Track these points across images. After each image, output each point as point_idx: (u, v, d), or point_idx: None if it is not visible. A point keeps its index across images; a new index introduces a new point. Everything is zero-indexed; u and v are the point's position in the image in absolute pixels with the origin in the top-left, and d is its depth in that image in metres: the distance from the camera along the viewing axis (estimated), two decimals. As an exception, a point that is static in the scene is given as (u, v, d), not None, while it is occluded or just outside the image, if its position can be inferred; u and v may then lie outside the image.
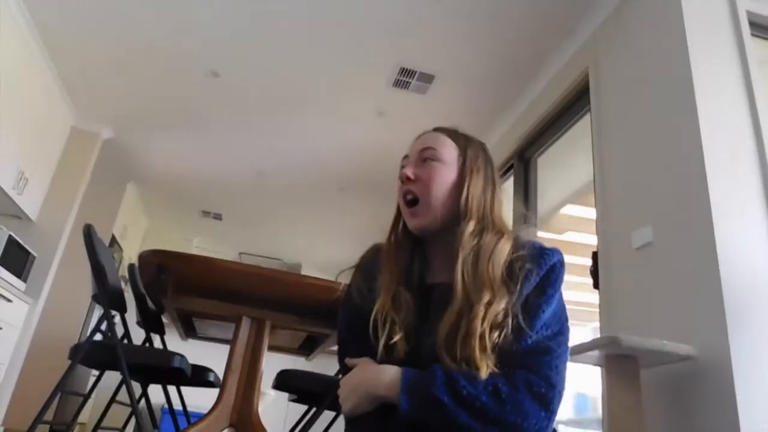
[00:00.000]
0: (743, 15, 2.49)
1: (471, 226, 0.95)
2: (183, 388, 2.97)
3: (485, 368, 0.84)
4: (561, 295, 0.95)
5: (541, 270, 0.92)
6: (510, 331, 0.88)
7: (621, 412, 1.89)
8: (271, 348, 2.61)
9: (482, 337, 0.85)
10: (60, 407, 4.41)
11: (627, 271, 2.44)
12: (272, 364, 2.44)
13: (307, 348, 2.84)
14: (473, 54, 3.56)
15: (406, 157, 1.06)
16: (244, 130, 4.92)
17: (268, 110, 4.53)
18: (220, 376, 2.28)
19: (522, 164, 3.82)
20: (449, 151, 1.02)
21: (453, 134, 1.06)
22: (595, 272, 2.64)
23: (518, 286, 0.90)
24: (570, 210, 3.81)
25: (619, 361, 1.93)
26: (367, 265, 1.03)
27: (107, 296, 2.10)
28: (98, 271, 2.09)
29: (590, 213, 2.95)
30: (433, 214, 0.97)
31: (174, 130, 5.05)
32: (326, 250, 7.43)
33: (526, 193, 3.68)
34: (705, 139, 2.17)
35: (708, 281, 1.98)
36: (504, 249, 0.93)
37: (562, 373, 0.88)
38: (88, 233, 2.16)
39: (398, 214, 1.05)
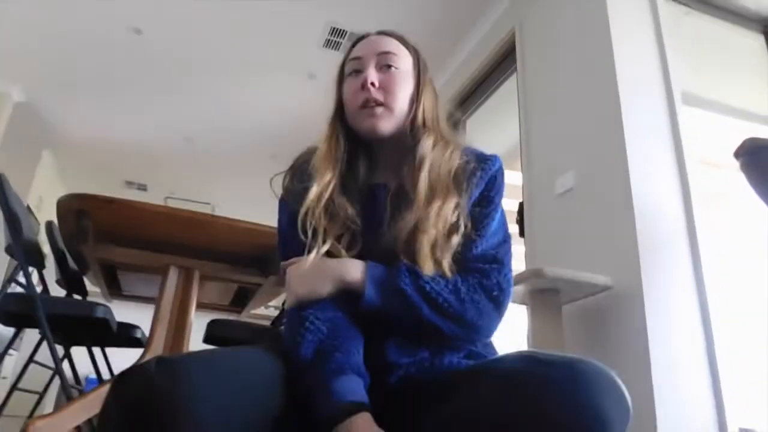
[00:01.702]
0: (656, -23, 2.63)
1: (431, 138, 0.96)
2: (110, 355, 2.87)
3: (431, 266, 0.86)
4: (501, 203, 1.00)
5: (485, 174, 0.95)
6: (462, 236, 0.90)
7: (544, 343, 1.99)
8: (201, 306, 2.56)
9: (435, 236, 0.88)
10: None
11: (550, 217, 2.56)
12: (201, 323, 2.40)
13: (238, 303, 2.80)
14: (404, 14, 3.56)
15: (355, 59, 1.01)
16: (169, 93, 4.72)
17: (194, 72, 4.37)
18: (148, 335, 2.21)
19: (451, 126, 3.88)
20: (406, 60, 1.01)
21: (404, 42, 1.04)
22: (521, 221, 2.74)
23: (466, 188, 0.93)
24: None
25: (543, 296, 2.03)
26: (301, 167, 1.02)
27: (22, 246, 1.98)
28: (11, 219, 1.97)
29: (516, 178, 3.05)
30: (395, 121, 0.97)
31: (93, 93, 4.77)
32: (258, 218, 7.29)
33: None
34: (622, 92, 2.30)
35: (624, 220, 2.11)
36: (455, 157, 0.96)
37: (510, 279, 0.92)
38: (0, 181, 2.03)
39: (338, 114, 1.01)
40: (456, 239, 0.90)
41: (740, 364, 2.09)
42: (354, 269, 0.87)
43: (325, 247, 0.89)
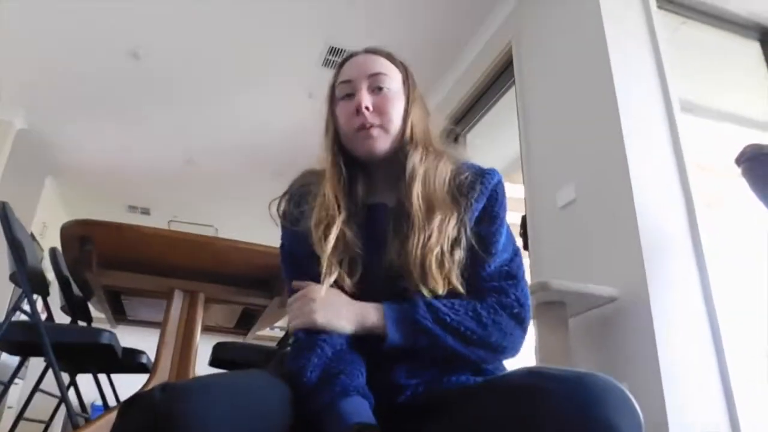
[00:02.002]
0: (650, -10, 2.65)
1: (419, 151, 0.97)
2: (115, 382, 2.85)
3: (441, 284, 0.86)
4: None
5: (485, 188, 0.95)
6: (468, 253, 0.90)
7: (551, 357, 1.98)
8: (206, 329, 2.55)
9: (441, 254, 0.88)
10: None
11: (554, 229, 2.55)
12: (207, 346, 2.39)
13: (243, 325, 2.79)
14: (402, 32, 3.60)
15: (346, 81, 1.01)
16: (169, 117, 4.75)
17: (193, 94, 4.40)
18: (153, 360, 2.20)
19: (451, 141, 3.89)
20: (396, 79, 1.02)
21: (392, 59, 1.05)
22: (524, 234, 2.74)
23: (466, 203, 0.93)
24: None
25: (549, 309, 2.02)
26: (299, 191, 1.02)
27: (26, 274, 1.98)
28: (15, 247, 1.97)
29: (518, 191, 3.05)
30: (391, 140, 0.98)
31: (94, 119, 4.81)
32: (261, 239, 7.29)
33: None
34: (620, 103, 2.31)
35: (627, 230, 2.10)
36: (446, 169, 0.96)
37: (527, 292, 0.93)
38: (3, 210, 2.03)
39: (334, 137, 1.01)
40: (459, 253, 0.90)
41: (751, 368, 2.07)
42: (372, 314, 0.86)
43: (333, 277, 0.89)
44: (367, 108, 0.96)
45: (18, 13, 3.52)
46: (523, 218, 2.81)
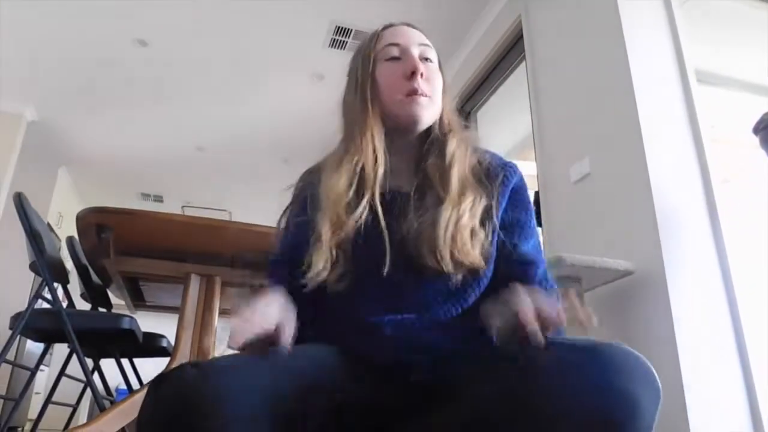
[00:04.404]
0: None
1: (456, 135, 0.96)
2: (138, 366, 2.90)
3: (476, 256, 0.85)
4: None
5: (511, 176, 0.95)
6: (498, 237, 0.90)
7: (567, 333, 1.98)
8: (224, 312, 2.58)
9: (472, 231, 0.87)
10: (13, 381, 4.30)
11: (567, 204, 2.54)
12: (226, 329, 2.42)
13: (261, 308, 2.81)
14: (409, 9, 3.55)
15: (394, 44, 0.97)
16: (178, 104, 4.76)
17: (201, 80, 4.40)
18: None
19: (462, 119, 3.86)
20: (436, 56, 1.00)
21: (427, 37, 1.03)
22: (537, 210, 2.72)
23: (492, 191, 0.93)
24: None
25: (564, 283, 2.01)
26: (310, 176, 1.02)
27: (46, 262, 2.02)
28: (34, 237, 2.00)
29: (530, 168, 3.03)
30: (433, 115, 0.96)
31: (104, 108, 4.83)
32: (275, 222, 7.31)
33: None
34: (634, 74, 2.27)
35: (642, 203, 2.08)
36: (472, 155, 0.96)
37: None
38: (19, 200, 2.06)
39: (373, 101, 0.95)
40: (488, 235, 0.89)
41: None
42: None
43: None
44: (421, 74, 0.94)
45: (23, 5, 3.52)
46: (536, 194, 2.79)
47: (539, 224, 2.73)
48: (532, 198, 1.04)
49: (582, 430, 0.59)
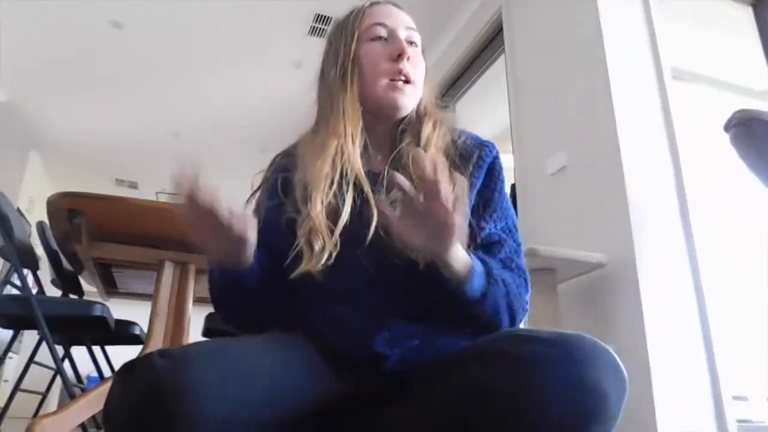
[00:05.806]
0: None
1: (431, 118, 0.94)
2: (110, 354, 2.87)
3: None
4: None
5: (486, 156, 0.93)
6: (473, 217, 0.88)
7: (540, 323, 2.01)
8: (198, 300, 2.55)
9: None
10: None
11: (543, 197, 2.57)
12: (200, 317, 2.40)
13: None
14: (389, -2, 3.54)
15: (381, 24, 0.94)
16: (154, 90, 4.68)
17: (178, 65, 4.33)
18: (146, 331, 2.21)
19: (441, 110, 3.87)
20: (419, 40, 0.98)
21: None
22: (513, 202, 2.75)
23: (469, 169, 0.91)
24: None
25: (538, 275, 2.04)
26: (281, 161, 1.00)
27: (15, 247, 1.97)
28: (2, 221, 1.96)
29: (508, 160, 3.05)
30: (413, 102, 0.94)
31: (77, 91, 4.72)
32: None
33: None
34: (611, 69, 2.30)
35: (616, 197, 2.12)
36: (444, 135, 0.94)
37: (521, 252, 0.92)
38: (-13, 183, 2.01)
39: (351, 82, 0.92)
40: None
41: (734, 332, 2.12)
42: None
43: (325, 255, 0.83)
44: (408, 58, 0.91)
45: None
46: (513, 186, 2.81)
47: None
48: (508, 190, 1.03)
49: (552, 422, 0.59)
